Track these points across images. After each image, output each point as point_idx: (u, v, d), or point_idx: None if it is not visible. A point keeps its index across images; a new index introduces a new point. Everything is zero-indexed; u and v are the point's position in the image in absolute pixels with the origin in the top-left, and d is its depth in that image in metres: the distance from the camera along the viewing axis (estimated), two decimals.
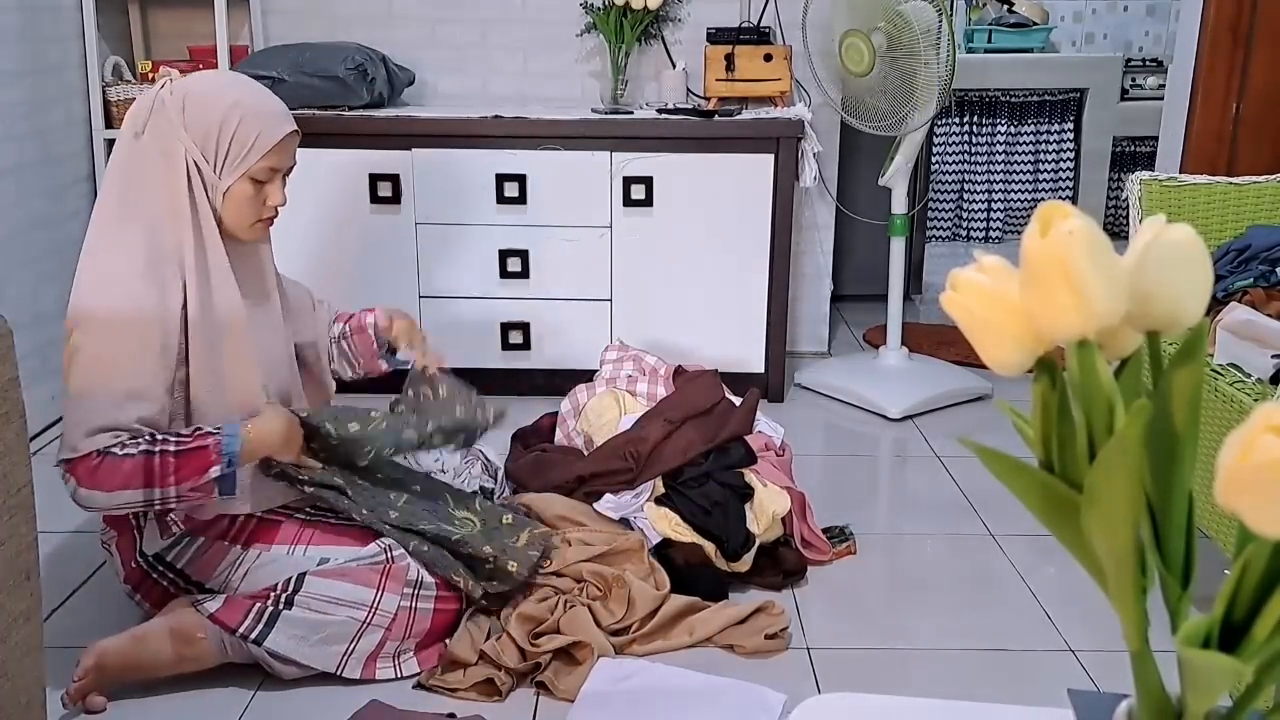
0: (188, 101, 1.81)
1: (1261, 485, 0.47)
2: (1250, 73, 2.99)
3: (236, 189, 1.84)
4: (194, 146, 1.81)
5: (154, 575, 1.89)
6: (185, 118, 1.81)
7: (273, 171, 1.87)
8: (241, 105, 1.83)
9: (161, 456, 1.71)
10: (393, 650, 1.88)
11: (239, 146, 1.82)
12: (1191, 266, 0.58)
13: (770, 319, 3.18)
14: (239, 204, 1.86)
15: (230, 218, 1.86)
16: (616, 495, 2.24)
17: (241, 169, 1.83)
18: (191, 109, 1.81)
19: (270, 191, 1.88)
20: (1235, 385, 1.96)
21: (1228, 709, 0.58)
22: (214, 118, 1.81)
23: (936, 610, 2.14)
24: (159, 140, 1.81)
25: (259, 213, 1.89)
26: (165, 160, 1.81)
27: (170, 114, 1.81)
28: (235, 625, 1.79)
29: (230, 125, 1.81)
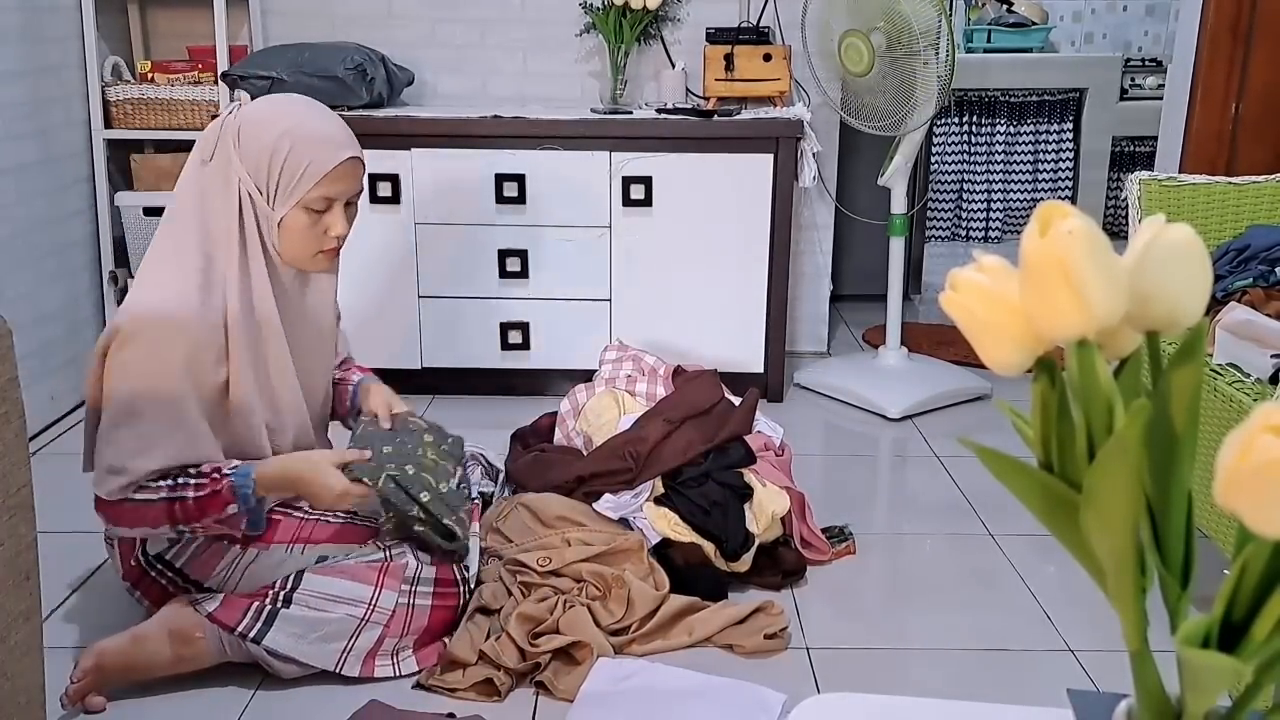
0: (243, 129, 1.78)
1: (1261, 485, 0.47)
2: (1250, 72, 2.99)
3: (291, 219, 1.80)
4: (247, 177, 1.79)
5: (153, 574, 1.89)
6: (240, 147, 1.78)
7: (328, 200, 1.82)
8: (293, 132, 1.78)
9: (181, 503, 1.75)
10: (391, 647, 1.88)
11: (289, 176, 1.78)
12: (1191, 266, 0.58)
13: (770, 319, 3.18)
14: (295, 235, 1.82)
15: (288, 249, 1.83)
16: (616, 495, 2.24)
17: (293, 199, 1.79)
18: (245, 137, 1.78)
19: (330, 220, 1.83)
20: (1234, 385, 1.96)
21: (1227, 709, 0.58)
22: (264, 146, 1.77)
23: (936, 610, 2.14)
24: (221, 168, 1.80)
25: (319, 243, 1.84)
26: (226, 187, 1.79)
27: (229, 141, 1.78)
28: (234, 624, 1.79)
29: (280, 154, 1.77)
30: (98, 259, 3.26)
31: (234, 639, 1.81)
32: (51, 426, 2.99)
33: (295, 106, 1.86)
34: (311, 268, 1.89)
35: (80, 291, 3.19)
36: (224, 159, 1.79)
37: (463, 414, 3.11)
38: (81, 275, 3.20)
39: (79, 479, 1.87)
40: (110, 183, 3.25)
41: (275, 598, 1.82)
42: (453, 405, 3.16)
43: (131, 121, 3.23)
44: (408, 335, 3.19)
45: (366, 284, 3.15)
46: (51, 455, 2.82)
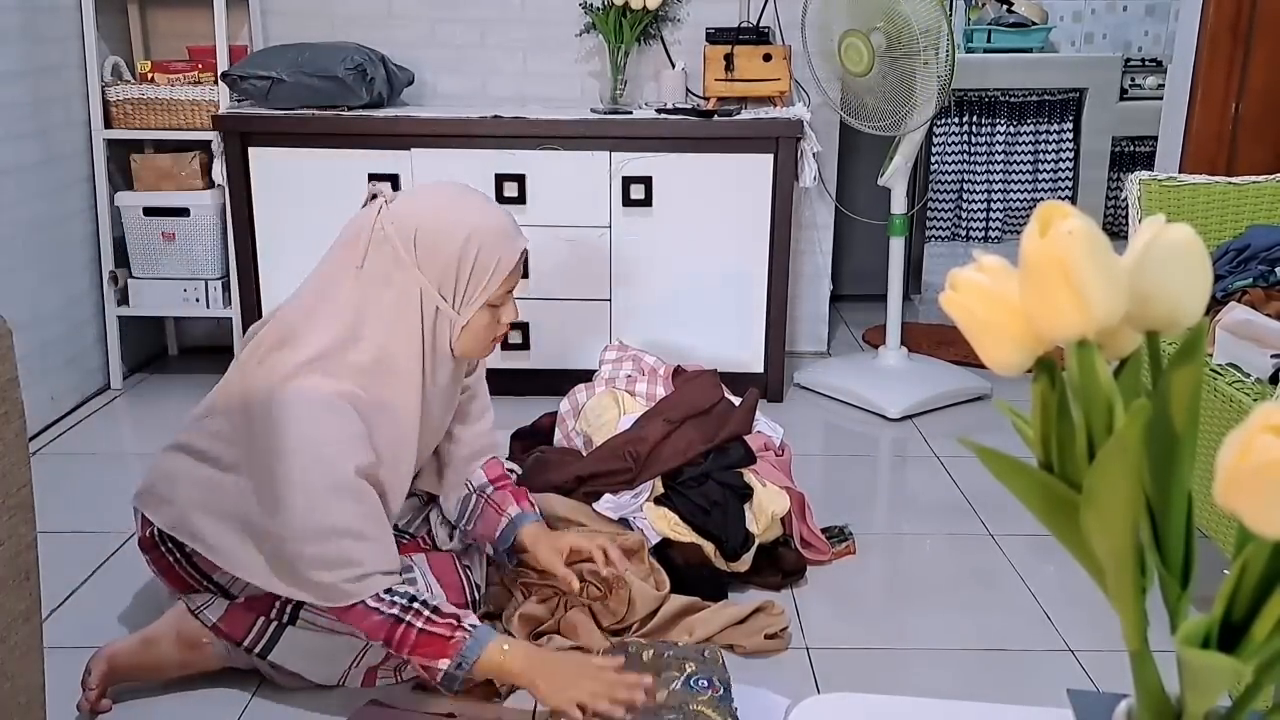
0: (419, 236, 1.70)
1: (1261, 485, 0.47)
2: (1250, 73, 2.99)
3: (475, 319, 1.76)
4: (430, 286, 1.72)
5: (163, 548, 1.88)
6: (418, 255, 1.70)
7: (509, 293, 1.79)
8: (479, 233, 1.72)
9: (407, 627, 1.64)
10: (395, 664, 1.87)
11: (479, 278, 1.73)
12: (1191, 266, 0.58)
13: (770, 319, 3.18)
14: (478, 333, 1.78)
15: (467, 345, 1.79)
16: (616, 495, 2.24)
17: (483, 298, 1.75)
18: (425, 244, 1.70)
19: (505, 310, 1.80)
20: (1234, 385, 1.96)
21: (1227, 709, 0.58)
22: (452, 252, 1.70)
23: (936, 610, 2.14)
24: (385, 278, 1.71)
25: (494, 332, 1.81)
26: (393, 297, 1.71)
27: (399, 251, 1.70)
28: (240, 638, 1.79)
29: (470, 258, 1.71)
30: (98, 259, 3.26)
31: (240, 650, 1.80)
32: (51, 426, 3.00)
33: (469, 204, 1.78)
34: (483, 354, 1.85)
35: (80, 291, 3.19)
36: (390, 269, 1.71)
37: None
38: (81, 275, 3.20)
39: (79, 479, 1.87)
40: (110, 183, 3.25)
41: (281, 612, 1.81)
42: None
43: (131, 121, 3.23)
44: None
45: None
46: (51, 455, 2.82)
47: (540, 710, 1.80)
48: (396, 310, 1.72)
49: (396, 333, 1.73)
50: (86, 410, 3.14)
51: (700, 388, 2.47)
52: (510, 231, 1.78)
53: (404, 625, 1.64)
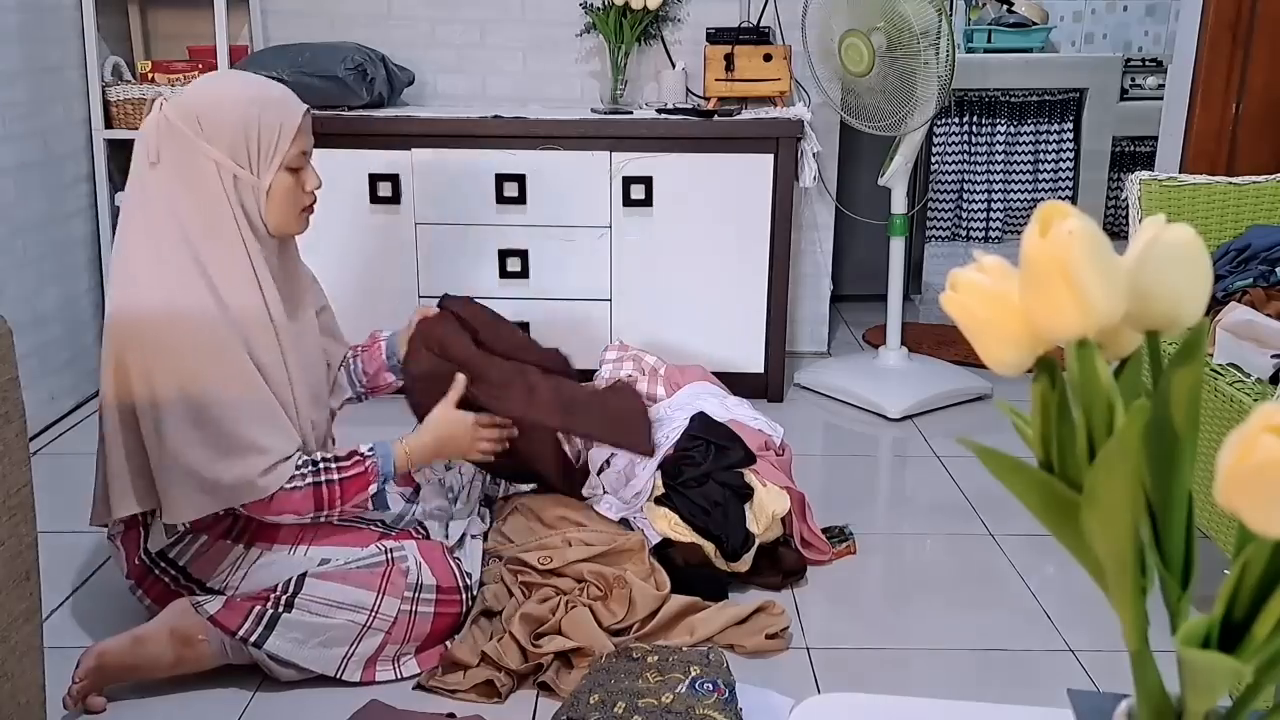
0: (201, 115, 1.78)
1: (1261, 485, 0.47)
2: (1250, 73, 2.99)
3: (277, 184, 1.83)
4: (225, 157, 1.79)
5: (156, 572, 1.89)
6: (205, 131, 1.78)
7: (304, 156, 1.87)
8: (257, 100, 1.81)
9: (329, 486, 1.83)
10: (393, 653, 1.88)
11: (268, 140, 1.81)
12: (1191, 266, 0.58)
13: (770, 319, 3.18)
14: (283, 198, 1.85)
15: (276, 216, 1.85)
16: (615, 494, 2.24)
17: (277, 160, 1.83)
18: (208, 120, 1.78)
19: (306, 176, 1.88)
20: (1235, 385, 1.96)
21: (1227, 709, 0.58)
22: (236, 119, 1.78)
23: (936, 610, 2.14)
24: (179, 163, 1.78)
25: (301, 201, 1.88)
26: (192, 180, 1.78)
27: (186, 133, 1.78)
28: (235, 628, 1.79)
29: (254, 123, 1.79)
30: (98, 259, 3.26)
31: (235, 642, 1.80)
32: (51, 426, 3.00)
33: (240, 80, 1.89)
34: (296, 229, 1.91)
35: (80, 291, 3.19)
36: (183, 153, 1.78)
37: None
38: (81, 275, 3.20)
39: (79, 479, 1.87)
40: (110, 182, 3.25)
41: (276, 602, 1.82)
42: None
43: (132, 121, 3.23)
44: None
45: (367, 284, 3.15)
46: (51, 455, 2.82)
47: (540, 711, 1.80)
48: (202, 187, 1.79)
49: (206, 208, 1.79)
50: (86, 410, 3.14)
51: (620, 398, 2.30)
52: (287, 97, 1.87)
53: (325, 486, 1.82)
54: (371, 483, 1.87)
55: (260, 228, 1.84)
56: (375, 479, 1.88)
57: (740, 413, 2.47)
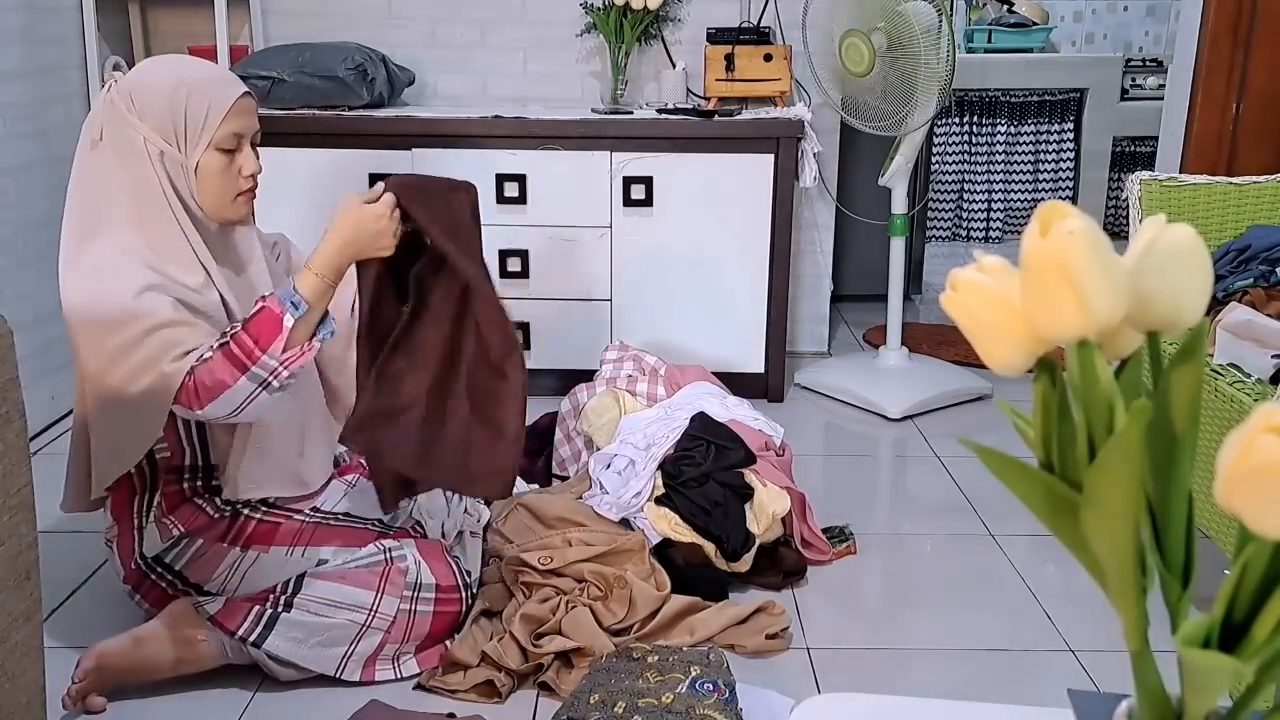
0: (134, 93, 1.79)
1: (1261, 486, 0.47)
2: (1250, 73, 2.99)
3: (206, 162, 1.81)
4: (153, 133, 1.78)
5: (153, 576, 1.89)
6: (136, 108, 1.78)
7: (237, 138, 1.83)
8: (186, 80, 1.80)
9: (235, 338, 1.72)
10: (392, 653, 1.88)
11: (195, 119, 1.79)
12: (1192, 267, 0.58)
13: (770, 319, 3.18)
14: (212, 178, 1.82)
15: (208, 197, 1.82)
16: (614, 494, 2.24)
17: (205, 139, 1.80)
18: (139, 98, 1.78)
19: (242, 160, 1.85)
20: (1235, 385, 1.96)
21: (1228, 709, 0.58)
22: (163, 99, 1.78)
23: (937, 610, 2.14)
24: (117, 140, 1.79)
25: (236, 185, 1.85)
26: (128, 158, 1.79)
27: (121, 110, 1.79)
28: (234, 628, 1.79)
29: (180, 101, 1.78)
30: None
31: (234, 642, 1.80)
32: (52, 426, 3.00)
33: (177, 61, 1.89)
34: (233, 215, 1.87)
35: None
36: (119, 131, 1.78)
37: None
38: None
39: None
40: None
41: (276, 601, 1.82)
42: None
43: None
44: None
45: None
46: (52, 455, 2.82)
47: (540, 711, 1.80)
48: (135, 164, 1.78)
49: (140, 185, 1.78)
50: None
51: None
52: (221, 79, 1.85)
53: (233, 340, 1.72)
54: (279, 315, 1.74)
55: (196, 210, 1.82)
56: (282, 309, 1.74)
57: (740, 413, 2.48)
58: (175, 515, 1.86)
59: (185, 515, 1.86)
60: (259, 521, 1.89)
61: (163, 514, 1.85)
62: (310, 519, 1.93)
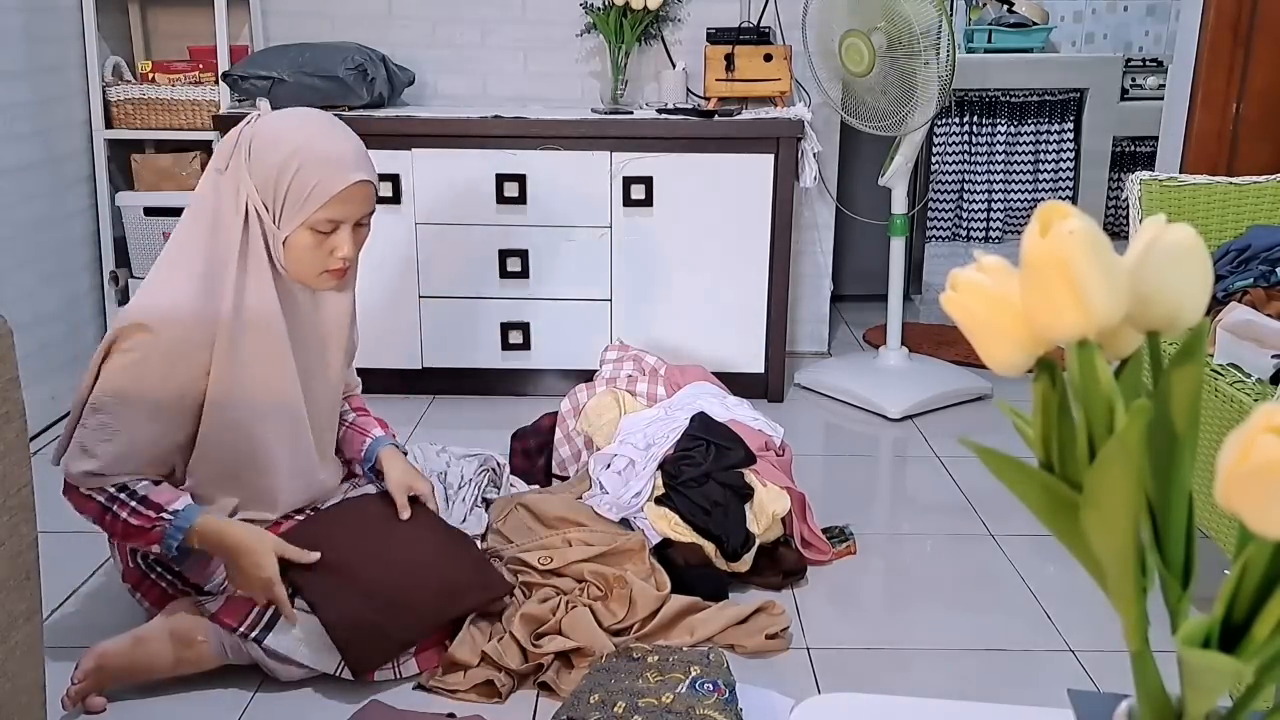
0: (254, 143, 1.76)
1: (1261, 485, 0.47)
2: (1250, 73, 2.99)
3: (296, 239, 1.78)
4: (255, 193, 1.76)
5: (152, 576, 1.89)
6: (250, 161, 1.76)
7: (334, 223, 1.79)
8: (302, 151, 1.75)
9: (114, 516, 1.76)
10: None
11: (295, 196, 1.75)
12: (1192, 267, 0.58)
13: (770, 319, 3.18)
14: (300, 254, 1.79)
15: (293, 267, 1.81)
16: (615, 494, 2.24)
17: (298, 219, 1.76)
18: (255, 152, 1.76)
19: (336, 242, 1.80)
20: (1235, 385, 1.96)
21: (1228, 709, 0.58)
22: (273, 164, 1.75)
23: (936, 610, 2.14)
24: (232, 180, 1.78)
25: (324, 263, 1.81)
26: (234, 201, 1.78)
27: (241, 154, 1.76)
28: (236, 624, 1.79)
29: (288, 173, 1.74)
30: (98, 259, 3.26)
31: (235, 641, 1.80)
32: (52, 427, 2.99)
33: (308, 123, 1.81)
34: (317, 286, 1.86)
35: (80, 291, 3.19)
36: (236, 171, 1.77)
37: (463, 414, 3.11)
38: (82, 275, 3.20)
39: None
40: (111, 183, 3.25)
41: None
42: (453, 405, 3.16)
43: (132, 121, 3.23)
44: (408, 335, 3.19)
45: (367, 284, 3.14)
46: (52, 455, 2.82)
47: (541, 711, 1.80)
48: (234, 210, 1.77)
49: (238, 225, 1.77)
50: None
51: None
52: (342, 161, 1.78)
53: (109, 515, 1.76)
54: (152, 543, 1.77)
55: (262, 257, 1.81)
56: (158, 543, 1.76)
57: (740, 413, 2.48)
58: None
59: None
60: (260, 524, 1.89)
61: None
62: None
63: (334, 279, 1.85)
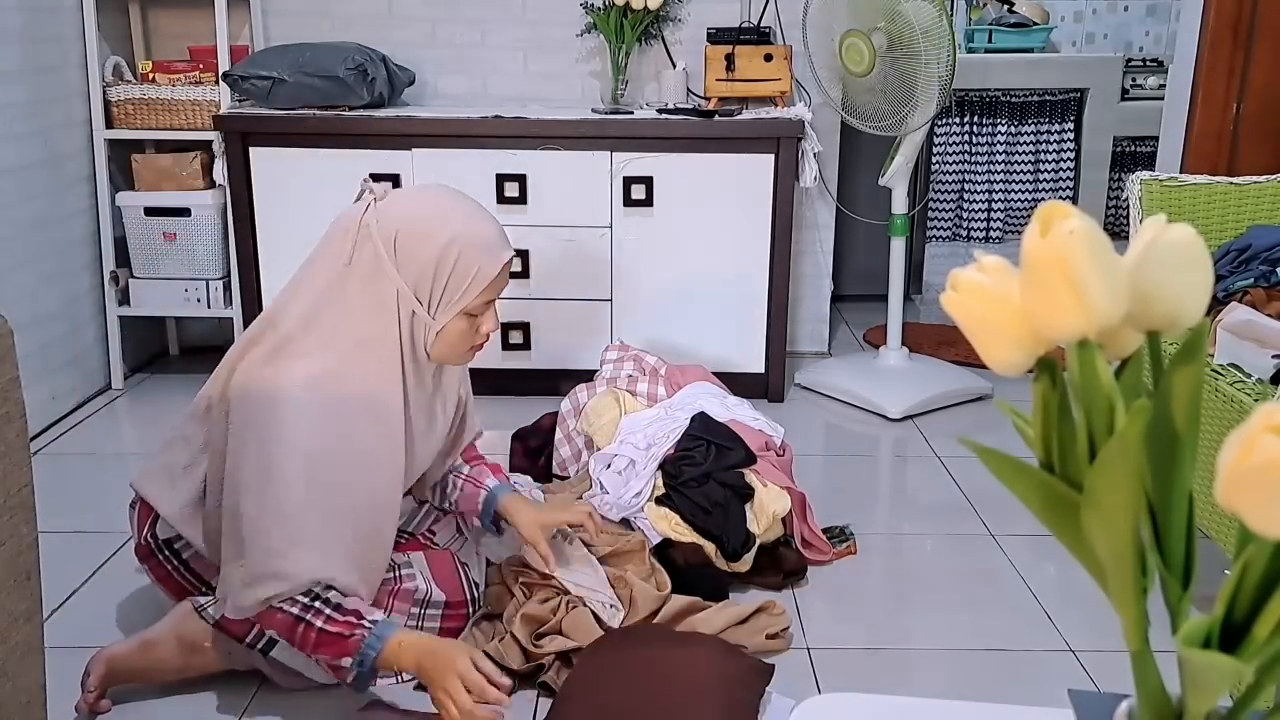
0: (400, 238, 1.70)
1: (1262, 485, 0.47)
2: (1250, 73, 2.99)
3: (450, 326, 1.75)
4: (407, 290, 1.71)
5: (159, 557, 1.89)
6: (397, 256, 1.70)
7: (489, 304, 1.78)
8: (459, 240, 1.71)
9: (307, 627, 1.64)
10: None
11: (456, 285, 1.72)
12: (1192, 267, 0.58)
13: (770, 319, 3.18)
14: (453, 340, 1.77)
15: (441, 351, 1.78)
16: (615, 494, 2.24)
17: (459, 307, 1.74)
18: (404, 247, 1.70)
19: (484, 320, 1.79)
20: (1235, 385, 1.96)
21: (1228, 709, 0.58)
22: (429, 257, 1.70)
23: (936, 610, 2.14)
24: (365, 278, 1.71)
25: (472, 341, 1.80)
26: (373, 301, 1.71)
27: (380, 248, 1.70)
28: (242, 634, 1.79)
29: (448, 264, 1.70)
30: (99, 259, 3.26)
31: (241, 647, 1.80)
32: (52, 427, 3.00)
33: (453, 210, 1.76)
34: (459, 363, 1.84)
35: (81, 291, 3.19)
36: (373, 269, 1.71)
37: None
38: (82, 275, 3.20)
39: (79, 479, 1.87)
40: (111, 183, 3.25)
41: None
42: None
43: (133, 121, 3.23)
44: None
45: None
46: (52, 455, 2.82)
47: (541, 711, 1.80)
48: (379, 304, 1.72)
49: (376, 322, 1.72)
50: (87, 410, 3.14)
51: None
52: (494, 242, 1.76)
53: (302, 625, 1.64)
54: (348, 654, 1.64)
55: (422, 355, 1.78)
56: (353, 654, 1.64)
57: (741, 413, 2.48)
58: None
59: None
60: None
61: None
62: None
63: (474, 354, 1.84)
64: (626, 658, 1.79)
